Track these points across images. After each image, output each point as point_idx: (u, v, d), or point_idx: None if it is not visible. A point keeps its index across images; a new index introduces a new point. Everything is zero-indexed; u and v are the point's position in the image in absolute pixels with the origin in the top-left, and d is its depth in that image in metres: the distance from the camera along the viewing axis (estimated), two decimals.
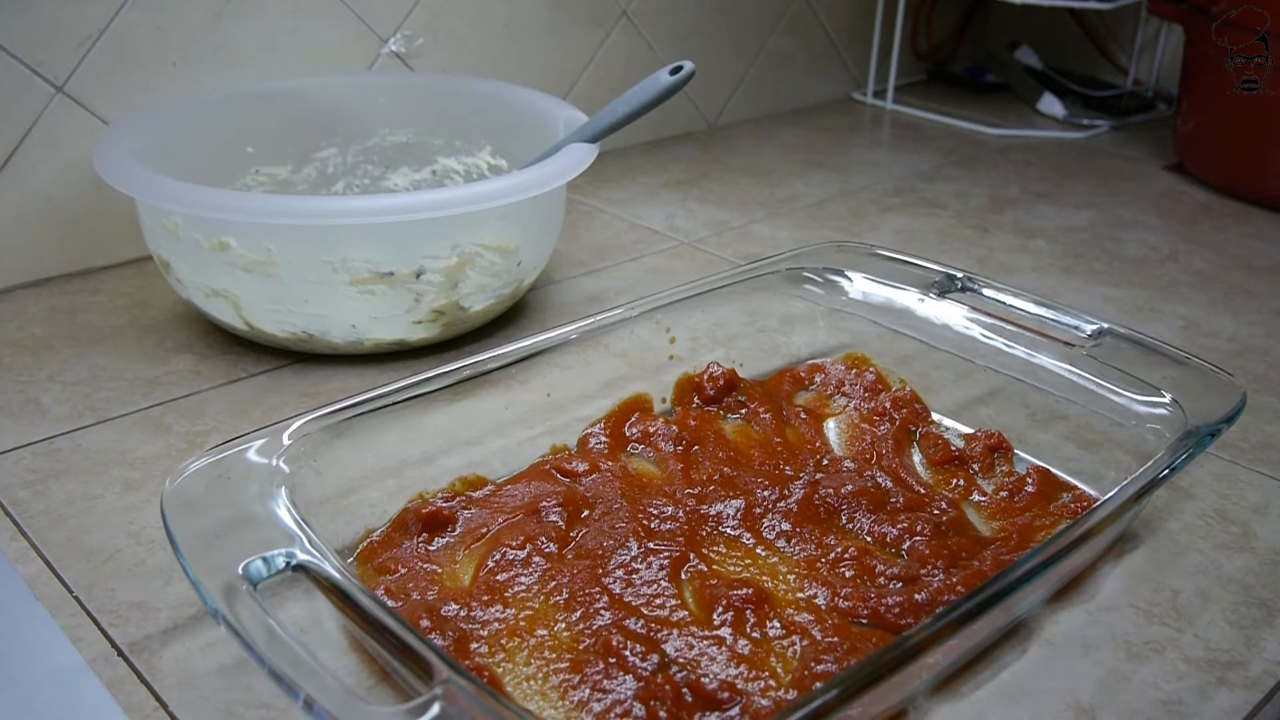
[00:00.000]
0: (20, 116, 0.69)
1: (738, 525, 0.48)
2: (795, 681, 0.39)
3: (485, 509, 0.48)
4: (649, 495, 0.49)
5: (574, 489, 0.49)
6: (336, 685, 0.33)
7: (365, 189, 0.79)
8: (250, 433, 0.44)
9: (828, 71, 1.22)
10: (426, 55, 0.87)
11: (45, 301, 0.70)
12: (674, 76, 0.64)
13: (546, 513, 0.47)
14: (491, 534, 0.47)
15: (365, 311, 0.60)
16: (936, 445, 0.55)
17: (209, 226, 0.58)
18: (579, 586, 0.43)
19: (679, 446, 0.53)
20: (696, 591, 0.44)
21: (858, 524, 0.49)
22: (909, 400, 0.58)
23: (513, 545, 0.46)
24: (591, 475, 0.51)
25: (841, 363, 0.62)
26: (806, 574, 0.45)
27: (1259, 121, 0.93)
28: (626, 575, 0.44)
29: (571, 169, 0.63)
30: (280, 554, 0.38)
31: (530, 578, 0.44)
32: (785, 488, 0.50)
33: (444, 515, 0.48)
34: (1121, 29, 1.26)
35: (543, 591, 0.44)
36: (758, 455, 0.53)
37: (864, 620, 0.43)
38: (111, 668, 0.42)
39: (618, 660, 0.40)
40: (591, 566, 0.45)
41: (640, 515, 0.48)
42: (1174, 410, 0.50)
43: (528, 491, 0.49)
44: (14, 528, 0.49)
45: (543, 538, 0.46)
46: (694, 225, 0.87)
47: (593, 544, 0.46)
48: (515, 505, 0.48)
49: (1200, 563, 0.50)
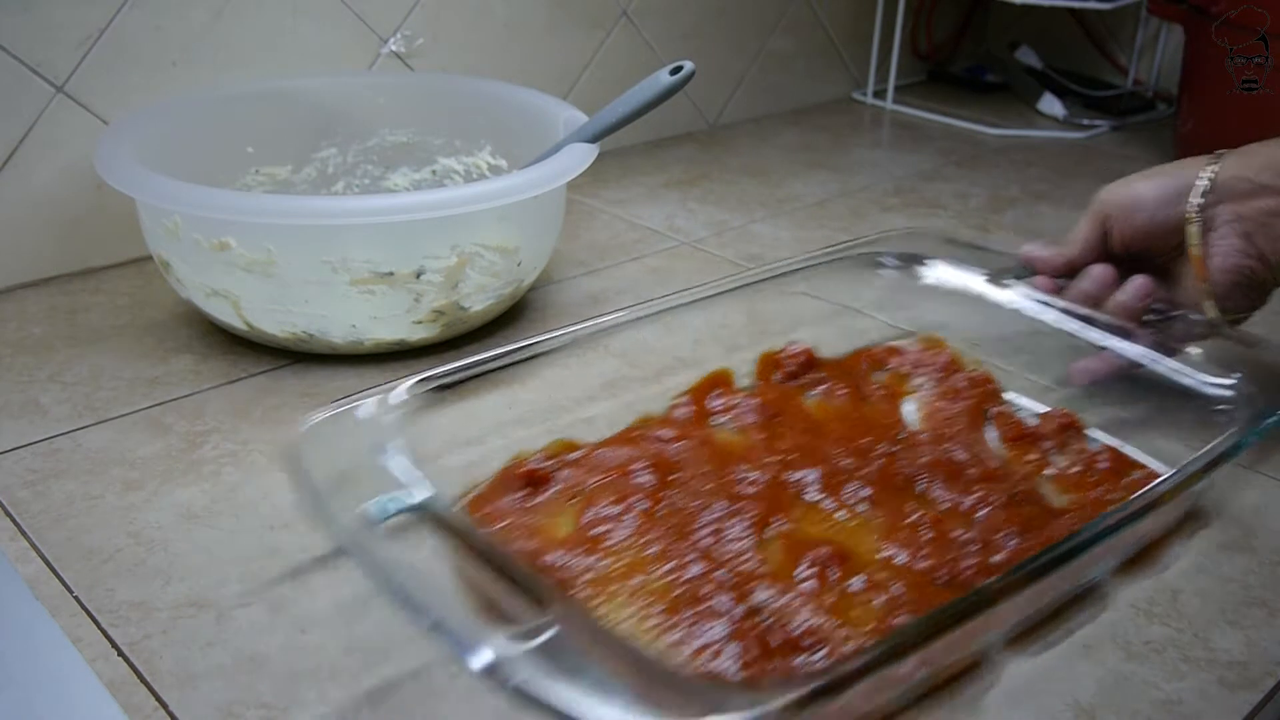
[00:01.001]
0: (20, 116, 0.69)
1: (819, 491, 0.50)
2: (875, 631, 0.41)
3: (580, 469, 0.51)
4: (733, 461, 0.52)
5: (663, 453, 0.52)
6: (460, 611, 0.36)
7: (365, 189, 0.79)
8: (362, 392, 0.46)
9: (828, 71, 1.22)
10: (426, 55, 0.87)
11: (45, 301, 0.70)
12: (674, 76, 0.64)
13: (638, 474, 0.50)
14: (587, 491, 0.49)
15: (365, 311, 0.60)
16: (1010, 423, 0.57)
17: (209, 226, 0.58)
18: (670, 540, 0.46)
19: (761, 417, 0.55)
20: (780, 549, 0.46)
21: (934, 494, 0.50)
22: (983, 380, 0.60)
23: (608, 502, 0.48)
24: (679, 442, 0.53)
25: (917, 344, 0.63)
26: (886, 536, 0.47)
27: (1259, 121, 0.92)
28: (714, 532, 0.47)
29: (571, 169, 0.63)
30: (396, 498, 0.41)
31: (624, 531, 0.47)
32: (864, 458, 0.52)
33: (542, 474, 0.50)
34: (1121, 29, 1.26)
35: (637, 544, 0.46)
36: (836, 428, 0.55)
37: (942, 580, 0.45)
38: (111, 668, 0.42)
39: (709, 607, 0.42)
40: (681, 524, 0.47)
41: (726, 478, 0.50)
42: (1243, 391, 0.51)
43: (619, 455, 0.51)
44: (14, 528, 0.49)
45: (636, 496, 0.48)
46: (694, 225, 0.87)
47: (682, 503, 0.48)
48: (608, 466, 0.51)
49: (1200, 563, 0.50)
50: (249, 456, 0.55)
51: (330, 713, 0.40)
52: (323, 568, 0.48)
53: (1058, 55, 1.29)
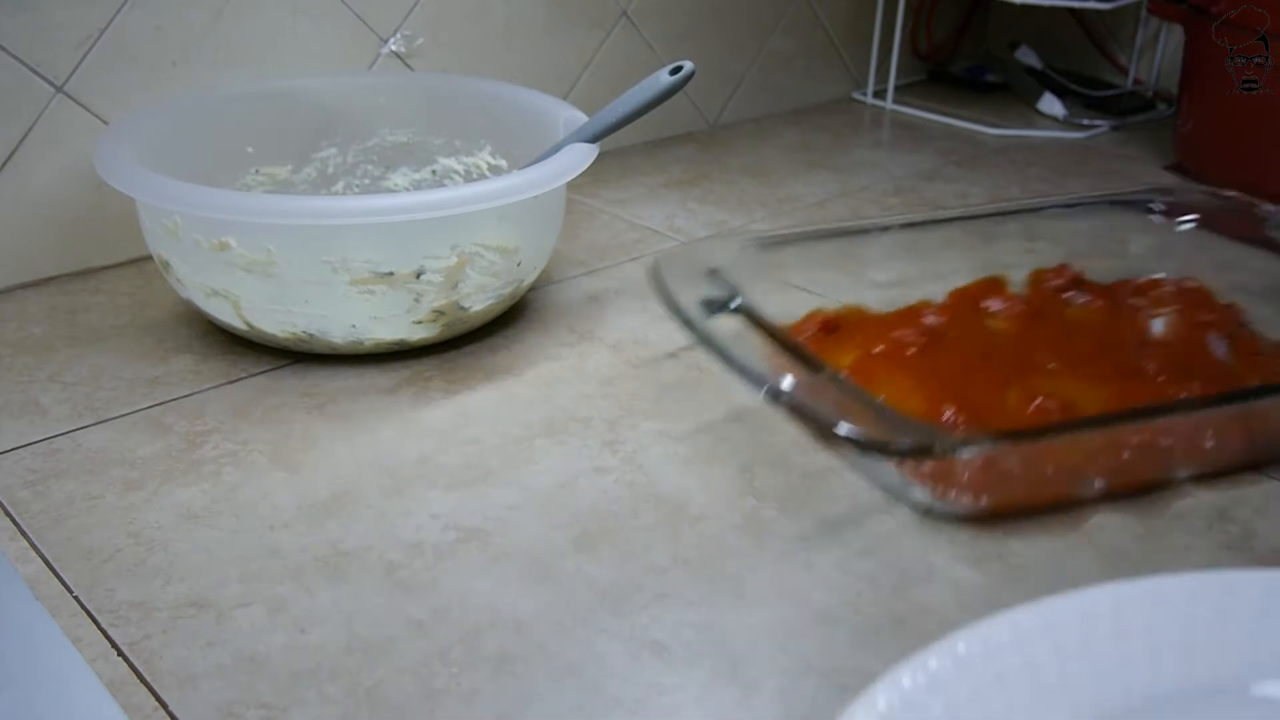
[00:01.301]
0: (20, 116, 0.69)
1: (1058, 370, 0.59)
2: None
3: (864, 325, 0.63)
4: (992, 339, 0.63)
5: (936, 326, 0.63)
6: (758, 360, 0.51)
7: (365, 189, 0.79)
8: (707, 237, 0.60)
9: (828, 71, 1.22)
10: (426, 55, 0.87)
11: (45, 301, 0.70)
12: (674, 76, 0.64)
13: (909, 336, 0.61)
14: (868, 337, 0.61)
15: (365, 311, 0.60)
16: (1247, 342, 0.63)
17: (209, 226, 0.58)
18: (934, 376, 0.57)
19: (1025, 310, 0.65)
20: (1016, 395, 0.56)
21: (1159, 379, 0.58)
22: (1231, 309, 0.66)
23: (884, 345, 0.60)
24: (947, 319, 0.63)
25: (1176, 281, 0.69)
26: (1109, 404, 0.56)
27: (1259, 121, 0.93)
28: (964, 375, 0.58)
29: (571, 169, 0.63)
30: (726, 298, 0.57)
31: (898, 367, 0.58)
32: (1105, 349, 0.61)
33: (835, 320, 0.63)
34: (1121, 29, 1.26)
35: (909, 374, 0.57)
36: (1088, 329, 0.64)
37: None
38: (111, 668, 0.42)
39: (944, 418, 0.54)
40: (943, 366, 0.58)
41: (984, 343, 0.62)
42: None
43: (898, 321, 0.63)
44: (14, 528, 0.49)
45: (910, 344, 0.60)
46: (694, 225, 0.87)
47: (947, 355, 0.60)
48: (887, 324, 0.63)
49: (1200, 563, 0.50)
50: (249, 456, 0.55)
51: (330, 713, 0.40)
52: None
53: (1058, 55, 1.29)
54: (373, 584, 0.47)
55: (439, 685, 0.42)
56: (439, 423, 0.59)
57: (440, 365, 0.64)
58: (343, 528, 0.50)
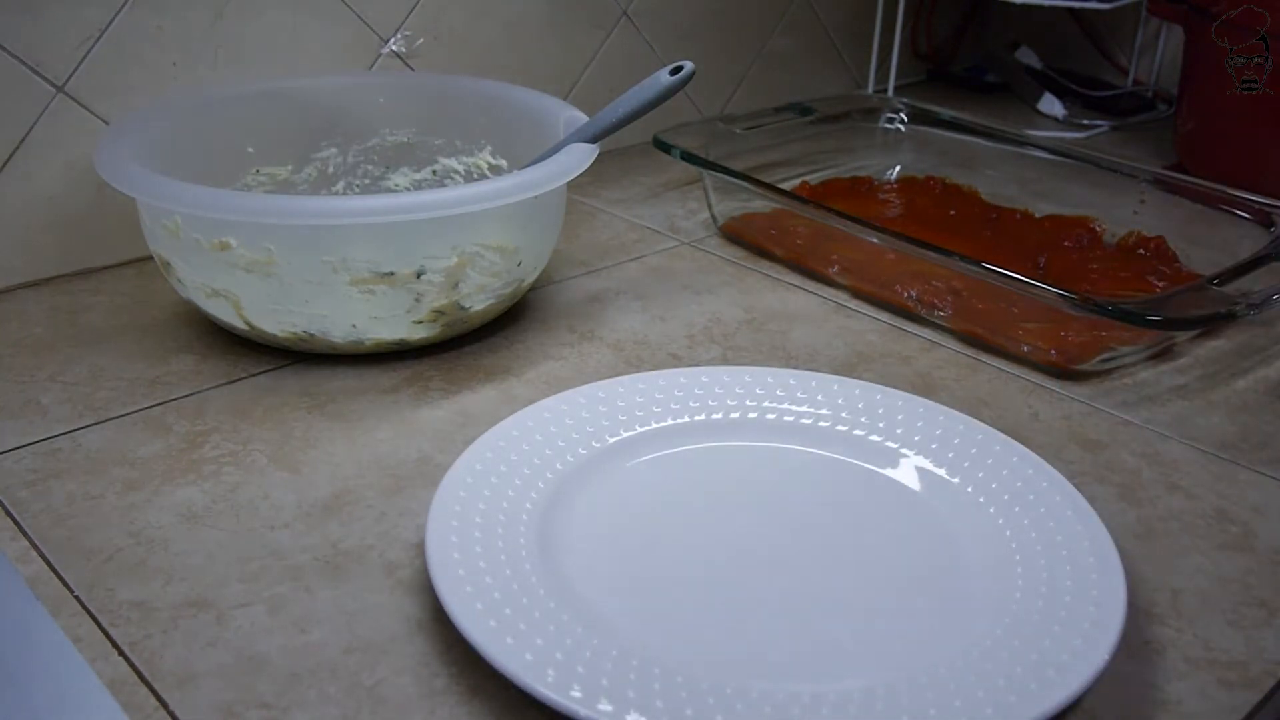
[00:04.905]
0: (20, 116, 0.69)
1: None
2: None
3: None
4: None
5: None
6: None
7: (365, 189, 0.79)
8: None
9: (828, 71, 1.22)
10: (426, 55, 0.87)
11: (45, 301, 0.70)
12: (674, 76, 0.64)
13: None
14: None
15: (366, 311, 0.60)
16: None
17: (209, 226, 0.58)
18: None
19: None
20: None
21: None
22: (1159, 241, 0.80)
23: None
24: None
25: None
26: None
27: (1259, 121, 0.93)
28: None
29: (571, 169, 0.63)
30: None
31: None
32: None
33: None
34: (1121, 29, 1.26)
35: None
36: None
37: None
38: (112, 667, 0.42)
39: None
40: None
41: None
42: None
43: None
44: (14, 528, 0.49)
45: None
46: (694, 225, 0.87)
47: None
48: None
49: (1200, 563, 0.50)
50: (249, 456, 0.55)
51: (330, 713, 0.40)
52: None
53: (1058, 55, 1.29)
54: (373, 584, 0.47)
55: (439, 685, 0.42)
56: (439, 423, 0.59)
57: (440, 365, 0.64)
58: (343, 528, 0.50)
